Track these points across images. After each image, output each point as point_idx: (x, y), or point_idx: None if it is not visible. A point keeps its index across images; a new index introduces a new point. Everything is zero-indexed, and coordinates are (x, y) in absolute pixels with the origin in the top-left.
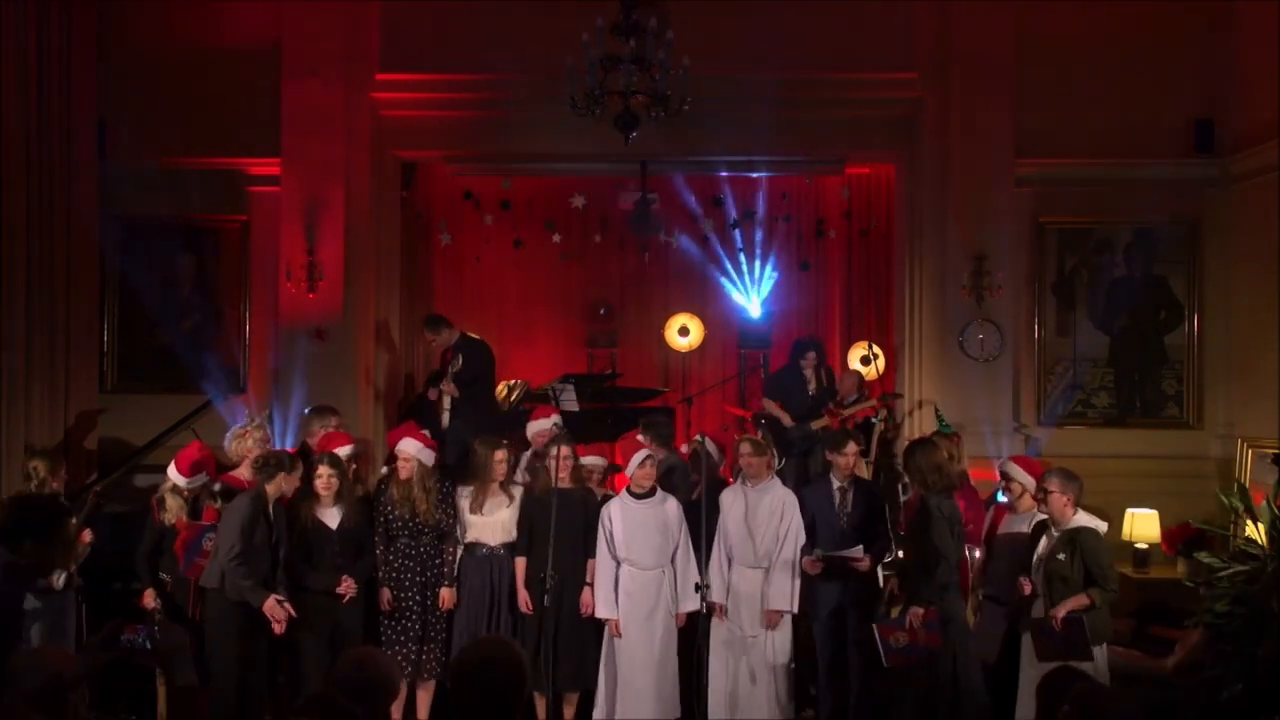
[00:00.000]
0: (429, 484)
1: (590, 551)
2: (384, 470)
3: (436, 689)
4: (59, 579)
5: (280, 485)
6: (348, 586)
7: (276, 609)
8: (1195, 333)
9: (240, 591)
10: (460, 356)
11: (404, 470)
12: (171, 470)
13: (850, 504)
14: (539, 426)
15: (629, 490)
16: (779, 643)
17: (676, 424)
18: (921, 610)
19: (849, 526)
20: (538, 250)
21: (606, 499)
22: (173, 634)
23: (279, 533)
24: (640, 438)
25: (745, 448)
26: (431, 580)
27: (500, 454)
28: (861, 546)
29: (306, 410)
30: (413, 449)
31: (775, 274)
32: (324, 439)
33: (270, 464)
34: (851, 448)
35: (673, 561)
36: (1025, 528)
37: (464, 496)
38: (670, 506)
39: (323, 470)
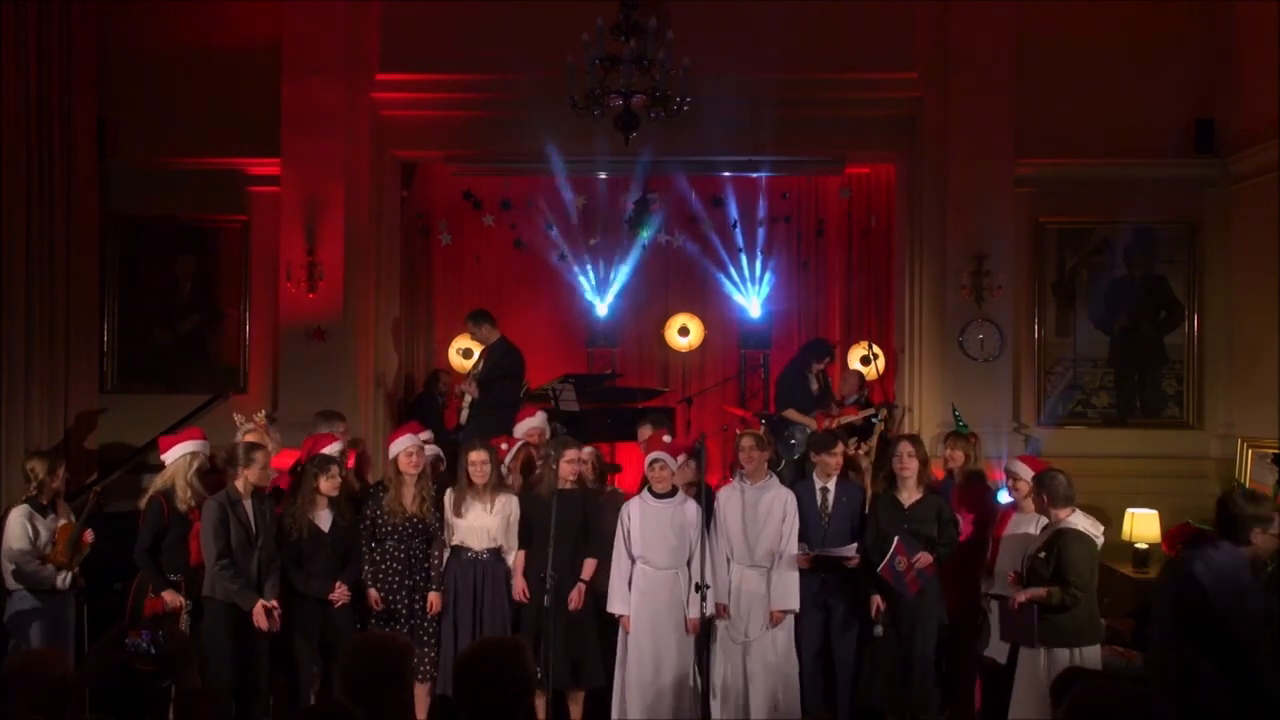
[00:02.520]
0: (423, 480)
1: (590, 551)
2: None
3: (431, 691)
4: (63, 579)
5: (249, 478)
6: (341, 593)
7: (262, 618)
8: (1195, 333)
9: (228, 595)
10: (488, 359)
11: (417, 464)
12: (170, 454)
13: (832, 504)
14: (527, 425)
15: (649, 489)
16: (781, 642)
17: (677, 424)
18: (931, 559)
19: (832, 525)
20: (538, 250)
21: (614, 495)
22: (177, 636)
23: (260, 527)
24: (666, 438)
25: (747, 441)
26: (419, 583)
27: (476, 455)
28: (855, 545)
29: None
30: (415, 442)
31: (772, 276)
32: (310, 443)
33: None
34: (839, 449)
35: (688, 565)
36: (1033, 528)
37: (449, 499)
38: (689, 509)
39: (334, 470)
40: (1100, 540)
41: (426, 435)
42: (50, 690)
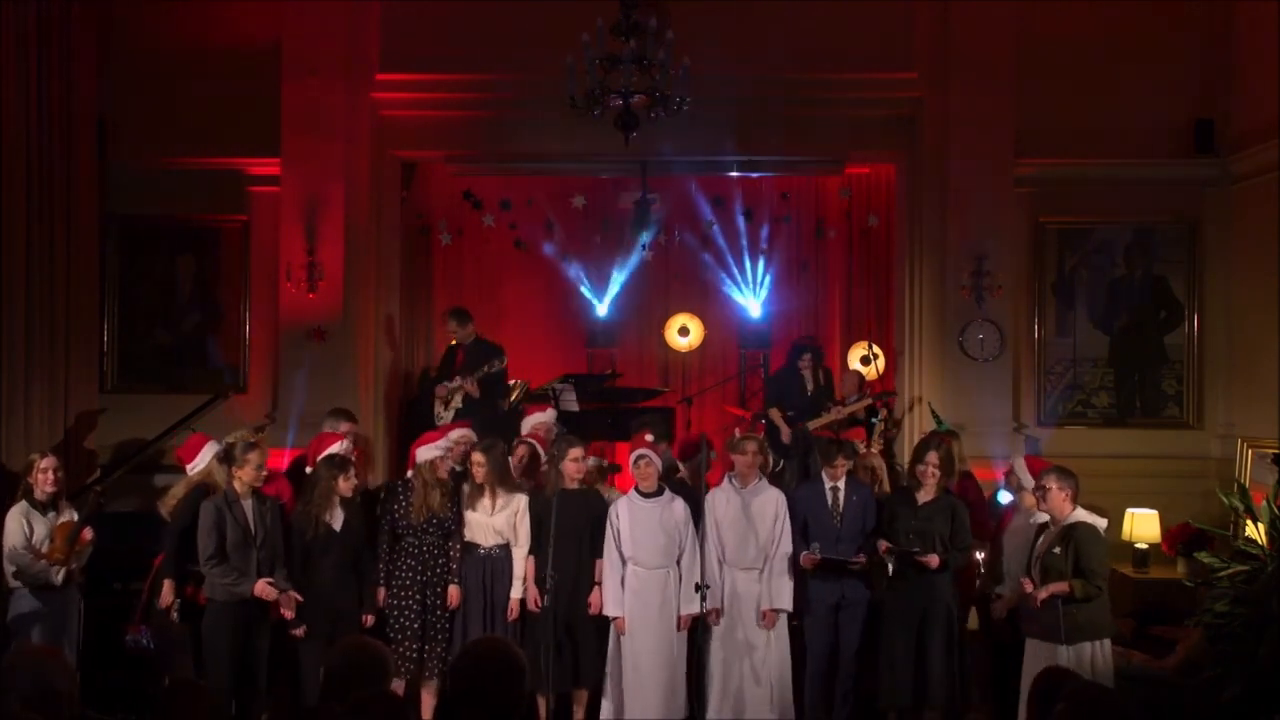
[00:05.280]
0: (448, 485)
1: (598, 551)
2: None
3: (440, 688)
4: (57, 575)
5: (243, 478)
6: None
7: (268, 590)
8: (1195, 333)
9: (226, 590)
10: (477, 356)
11: (445, 470)
12: (199, 460)
13: (844, 504)
14: (535, 420)
15: (637, 489)
16: (775, 643)
17: (677, 424)
18: (936, 561)
19: (843, 526)
20: (538, 250)
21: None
22: (171, 629)
23: (260, 526)
24: (649, 437)
25: (752, 445)
26: (432, 580)
27: (476, 455)
28: (861, 556)
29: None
30: (445, 449)
31: (772, 276)
32: (316, 442)
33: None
34: (840, 462)
35: (678, 563)
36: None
37: (464, 494)
38: (677, 507)
39: (352, 470)
40: (1104, 526)
41: (459, 434)
42: (46, 690)
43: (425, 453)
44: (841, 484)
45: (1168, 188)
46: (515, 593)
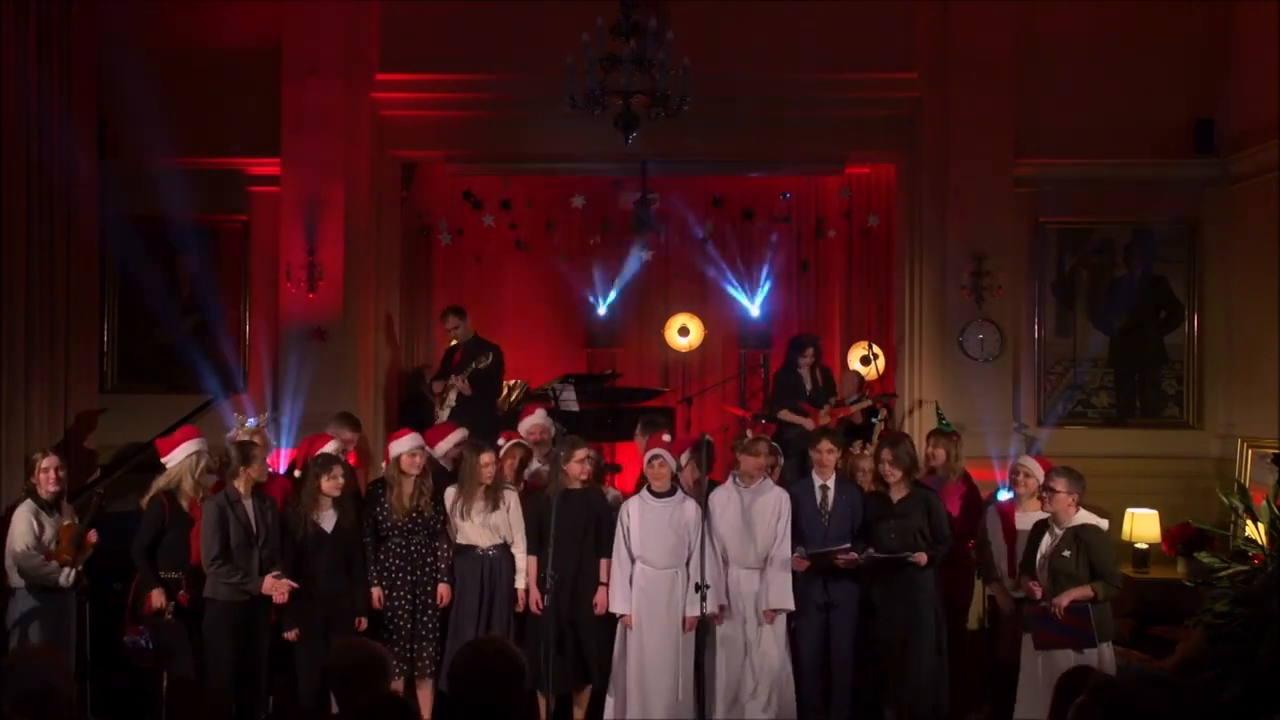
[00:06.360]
0: (423, 478)
1: (601, 551)
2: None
3: (434, 688)
4: (67, 577)
5: (251, 476)
6: (361, 625)
7: (276, 584)
8: (1195, 333)
9: (231, 590)
10: (488, 356)
11: (419, 464)
12: (174, 455)
13: (832, 502)
14: (531, 422)
15: (649, 488)
16: (777, 643)
17: (677, 424)
18: (925, 559)
19: (832, 524)
20: (538, 250)
21: (617, 500)
22: (172, 630)
23: (261, 525)
24: (666, 437)
25: (764, 447)
26: (422, 579)
27: (486, 457)
28: (849, 545)
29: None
30: (417, 442)
31: (772, 276)
32: (307, 444)
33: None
34: (825, 445)
35: (688, 564)
36: (1029, 528)
37: (450, 498)
38: (688, 508)
39: (337, 470)
40: (1105, 528)
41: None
42: (46, 690)
43: (396, 448)
44: (831, 482)
45: (1168, 188)
46: (519, 583)
